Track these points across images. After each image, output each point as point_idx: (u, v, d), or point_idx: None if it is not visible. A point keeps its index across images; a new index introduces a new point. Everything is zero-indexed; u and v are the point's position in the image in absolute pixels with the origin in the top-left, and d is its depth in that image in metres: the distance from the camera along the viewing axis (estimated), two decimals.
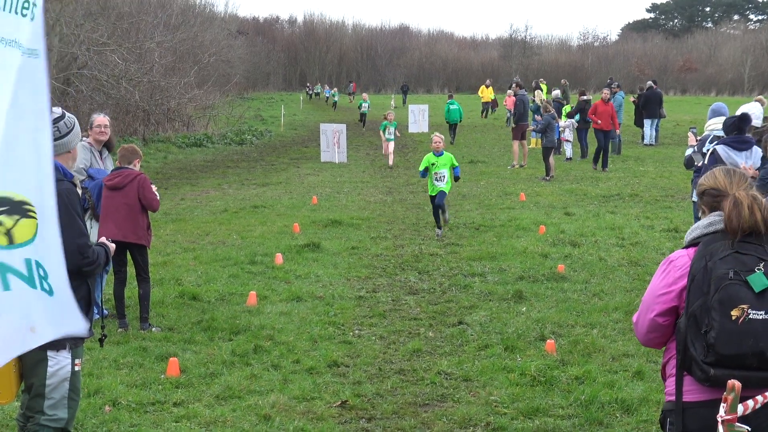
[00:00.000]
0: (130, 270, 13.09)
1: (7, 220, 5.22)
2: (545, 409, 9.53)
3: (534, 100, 38.33)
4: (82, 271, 6.75)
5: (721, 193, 5.47)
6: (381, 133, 37.23)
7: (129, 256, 12.86)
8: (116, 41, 42.55)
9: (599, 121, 33.13)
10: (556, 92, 42.13)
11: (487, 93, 63.89)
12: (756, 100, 18.77)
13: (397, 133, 36.55)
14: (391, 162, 34.90)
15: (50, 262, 5.42)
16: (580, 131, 36.73)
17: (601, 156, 32.65)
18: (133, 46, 43.73)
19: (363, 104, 56.86)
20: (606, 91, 34.69)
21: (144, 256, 12.79)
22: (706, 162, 13.88)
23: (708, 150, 14.00)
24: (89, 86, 40.75)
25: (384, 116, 37.82)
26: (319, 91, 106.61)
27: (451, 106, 44.62)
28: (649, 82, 42.73)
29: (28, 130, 5.26)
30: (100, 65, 41.10)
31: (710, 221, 5.45)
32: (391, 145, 35.45)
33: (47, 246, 5.38)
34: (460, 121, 46.12)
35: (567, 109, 38.15)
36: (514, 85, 42.79)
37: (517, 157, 34.00)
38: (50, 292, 5.41)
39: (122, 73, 41.92)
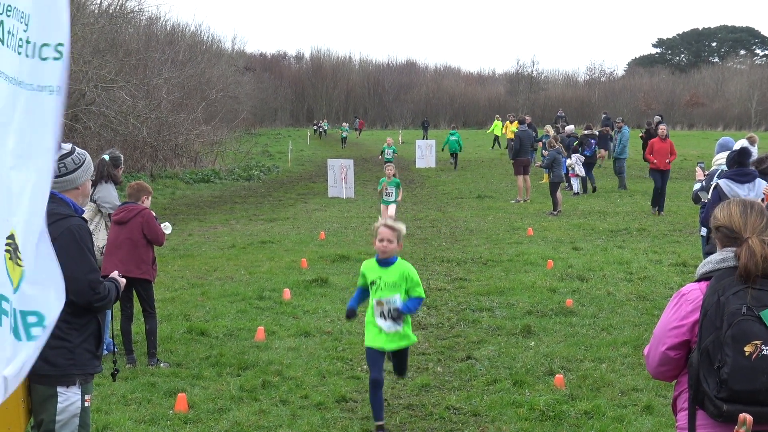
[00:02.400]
0: (137, 305, 13.09)
1: (18, 261, 5.21)
2: None
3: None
4: (93, 307, 6.74)
5: (735, 235, 5.42)
6: (379, 192, 26.49)
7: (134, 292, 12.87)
8: (124, 78, 42.71)
9: (655, 161, 29.95)
10: (570, 127, 42.07)
11: (511, 128, 63.90)
12: (747, 138, 18.75)
13: (399, 197, 25.92)
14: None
15: (45, 309, 5.35)
16: (585, 166, 36.81)
17: (656, 197, 30.00)
18: (140, 82, 43.92)
19: (387, 150, 45.38)
20: (663, 127, 31.78)
21: (148, 291, 12.78)
22: (710, 196, 13.95)
23: (712, 185, 14.08)
24: (97, 122, 40.86)
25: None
26: (327, 127, 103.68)
27: (451, 137, 51.25)
28: (657, 117, 42.77)
29: (34, 169, 5.23)
30: (108, 101, 41.25)
31: (723, 257, 5.41)
32: (392, 208, 25.53)
33: (42, 293, 5.31)
34: (460, 150, 52.63)
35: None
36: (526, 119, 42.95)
37: (521, 191, 34.08)
38: (31, 338, 5.33)
39: (130, 110, 42.06)
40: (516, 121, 46.45)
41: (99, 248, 12.52)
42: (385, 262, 10.14)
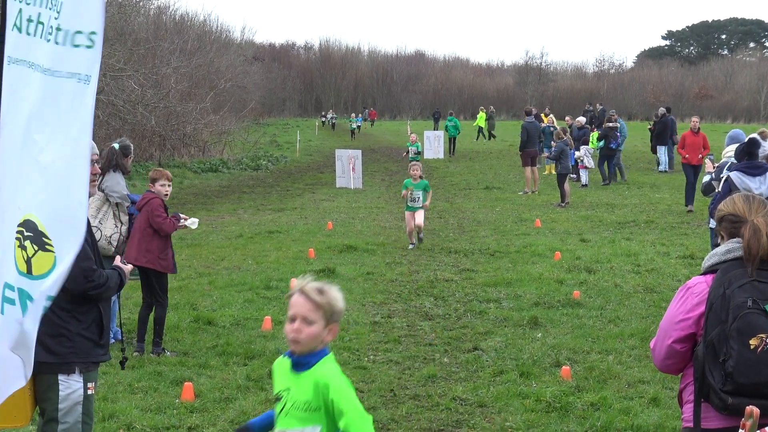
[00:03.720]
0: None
1: (30, 248, 5.21)
2: None
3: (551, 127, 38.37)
4: (89, 295, 6.72)
5: (740, 219, 5.43)
6: (402, 196, 22.20)
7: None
8: (133, 67, 42.69)
9: (687, 155, 29.36)
10: (582, 119, 41.96)
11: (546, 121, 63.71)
12: (758, 134, 18.69)
13: (427, 201, 21.71)
14: (414, 239, 21.96)
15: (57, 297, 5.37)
16: (603, 158, 36.77)
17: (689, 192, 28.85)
18: (149, 71, 43.88)
19: (411, 148, 39.22)
20: (695, 120, 31.85)
21: (159, 280, 12.75)
22: (720, 189, 13.93)
23: (722, 177, 14.05)
24: (105, 111, 40.85)
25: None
26: (335, 118, 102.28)
27: (448, 123, 55.80)
28: (662, 109, 42.68)
29: (61, 157, 5.22)
30: (117, 90, 41.24)
31: (728, 248, 5.41)
32: (420, 215, 21.56)
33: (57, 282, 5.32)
34: (458, 134, 56.55)
35: (595, 135, 38.16)
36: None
37: (529, 183, 34.08)
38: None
39: (138, 99, 42.06)
40: (551, 115, 46.46)
41: (107, 237, 12.50)
42: (298, 362, 5.24)
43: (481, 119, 68.84)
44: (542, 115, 47.39)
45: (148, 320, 12.84)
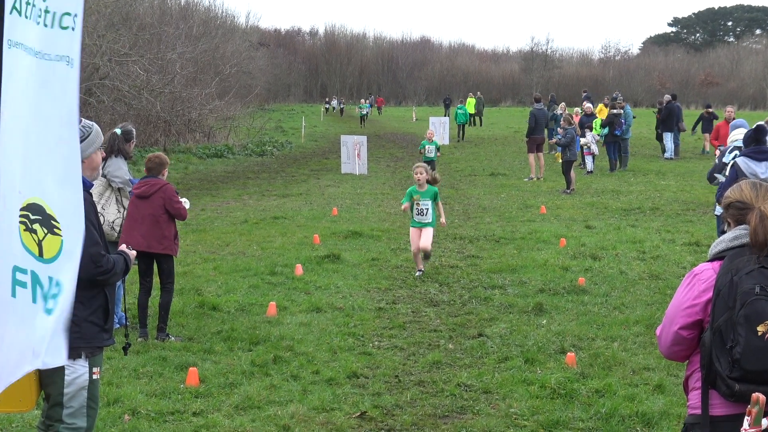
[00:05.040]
0: (156, 279, 13.08)
1: (40, 231, 5.21)
2: (565, 422, 9.47)
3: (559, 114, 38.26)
4: (97, 280, 6.72)
5: (747, 206, 5.40)
6: (404, 209, 17.43)
7: (155, 266, 12.88)
8: (138, 52, 42.72)
9: (721, 146, 26.26)
10: (589, 105, 41.76)
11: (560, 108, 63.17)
12: (766, 122, 18.62)
13: (442, 217, 17.48)
14: (422, 265, 17.18)
15: (66, 281, 5.35)
16: (609, 145, 36.65)
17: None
18: (154, 56, 43.90)
19: (427, 146, 32.53)
20: (730, 110, 31.54)
21: (169, 265, 12.79)
22: (726, 174, 13.94)
23: (729, 162, 14.07)
24: (111, 96, 40.92)
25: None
26: (342, 105, 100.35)
27: (459, 111, 57.74)
28: (667, 96, 42.62)
29: (54, 140, 5.22)
30: (122, 76, 41.28)
31: (735, 235, 5.39)
32: (428, 235, 16.97)
33: (70, 264, 5.32)
34: (466, 122, 58.64)
35: (598, 122, 38.06)
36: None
37: (533, 169, 34.06)
38: (50, 312, 5.33)
39: (144, 84, 42.09)
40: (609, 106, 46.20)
41: (109, 223, 12.51)
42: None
43: (470, 105, 68.50)
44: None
45: (148, 305, 12.87)
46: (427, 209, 16.87)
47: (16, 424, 9.25)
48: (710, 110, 43.36)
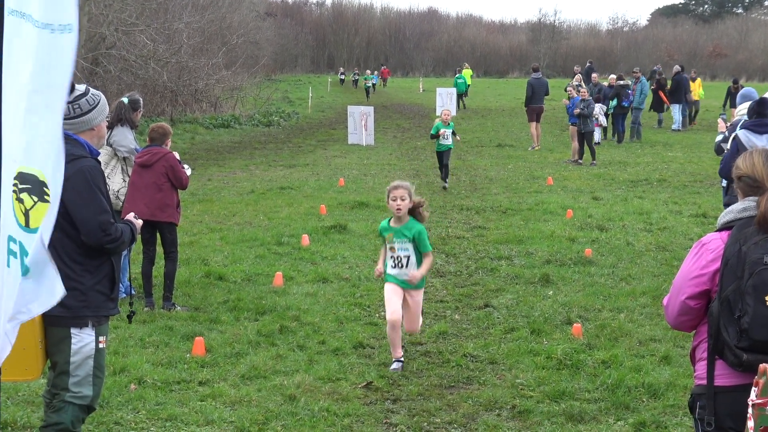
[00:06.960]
0: (159, 249, 13.08)
1: (27, 200, 5.18)
2: (571, 393, 9.48)
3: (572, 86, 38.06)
4: (105, 249, 6.70)
5: (758, 184, 5.34)
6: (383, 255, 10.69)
7: (158, 235, 12.88)
8: (145, 21, 42.57)
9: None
10: (613, 76, 41.42)
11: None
12: None
13: (422, 269, 10.58)
14: (400, 351, 10.60)
15: (35, 242, 5.29)
16: (617, 116, 36.56)
17: None
18: (161, 26, 43.74)
19: (442, 129, 24.38)
20: None
21: (173, 234, 12.80)
22: (729, 147, 13.87)
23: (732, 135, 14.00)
24: (117, 66, 40.82)
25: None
26: (356, 77, 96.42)
27: (458, 80, 57.01)
28: (677, 67, 42.45)
29: (52, 107, 5.18)
30: (129, 45, 41.17)
31: (744, 206, 5.35)
32: (416, 306, 10.69)
33: (45, 228, 5.27)
34: (465, 90, 58.22)
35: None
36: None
37: (534, 138, 34.29)
38: (25, 272, 5.28)
39: (150, 54, 41.97)
40: (698, 78, 45.61)
41: (114, 192, 12.49)
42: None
43: (467, 75, 67.84)
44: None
45: (152, 275, 12.88)
46: (408, 258, 10.52)
47: (22, 393, 9.26)
48: (737, 85, 43.00)
